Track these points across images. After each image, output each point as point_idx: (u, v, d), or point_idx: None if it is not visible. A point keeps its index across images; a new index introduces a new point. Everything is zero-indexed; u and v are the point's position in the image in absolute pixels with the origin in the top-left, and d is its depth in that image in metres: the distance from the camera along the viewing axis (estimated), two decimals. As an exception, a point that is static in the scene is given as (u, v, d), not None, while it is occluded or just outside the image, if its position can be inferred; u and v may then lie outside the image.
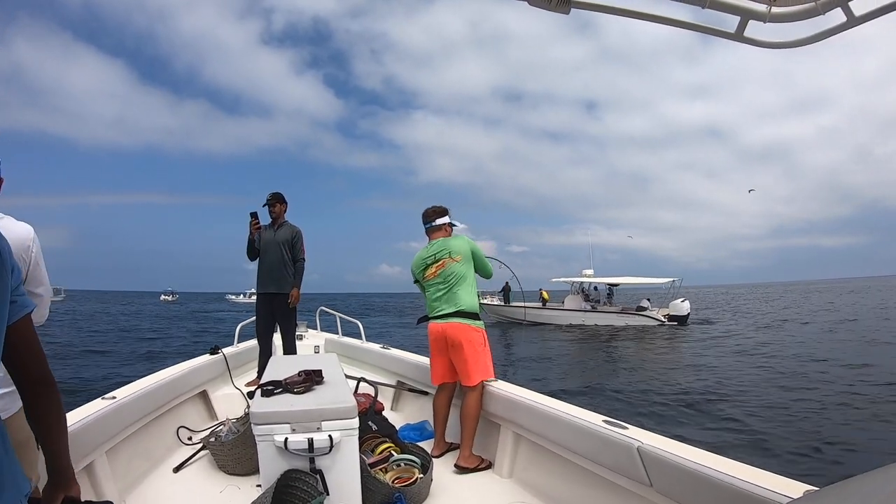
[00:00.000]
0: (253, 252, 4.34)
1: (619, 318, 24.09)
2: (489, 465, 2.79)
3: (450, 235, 3.14)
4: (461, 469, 2.73)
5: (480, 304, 3.13)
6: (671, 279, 24.69)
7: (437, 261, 3.02)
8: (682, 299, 23.64)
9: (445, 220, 3.14)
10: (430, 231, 3.14)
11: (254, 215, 4.29)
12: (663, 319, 23.01)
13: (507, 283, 27.27)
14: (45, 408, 1.07)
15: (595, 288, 27.40)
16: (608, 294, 27.12)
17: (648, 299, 25.61)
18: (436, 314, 2.99)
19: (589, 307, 25.28)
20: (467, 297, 2.94)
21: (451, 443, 2.99)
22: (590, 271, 26.93)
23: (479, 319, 2.96)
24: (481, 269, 3.11)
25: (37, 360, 1.05)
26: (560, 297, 27.18)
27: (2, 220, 1.51)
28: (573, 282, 27.10)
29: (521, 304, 26.44)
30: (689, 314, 23.44)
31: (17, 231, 1.53)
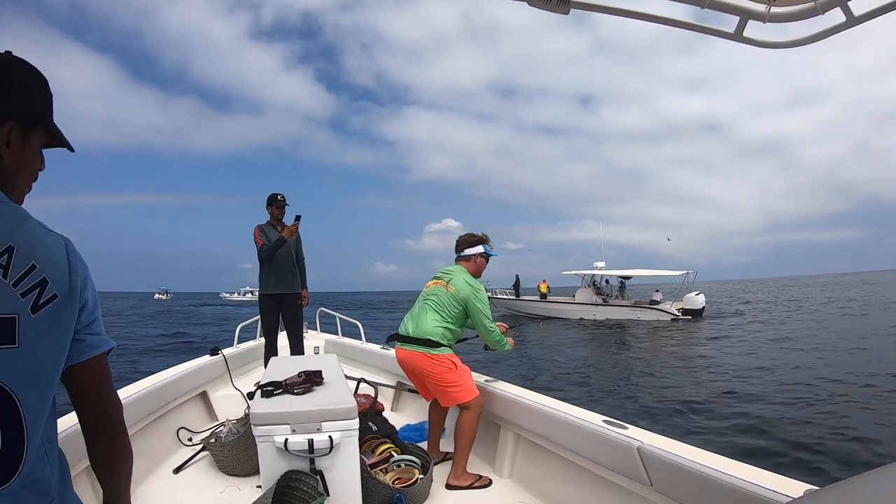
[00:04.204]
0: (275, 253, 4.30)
1: (631, 311, 24.06)
2: (488, 483, 2.70)
3: (479, 267, 3.02)
4: (451, 488, 2.64)
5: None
6: (685, 272, 24.59)
7: (437, 279, 2.97)
8: (696, 293, 23.53)
9: (476, 250, 3.00)
10: (457, 261, 3.06)
11: (299, 218, 4.30)
12: (677, 313, 22.94)
13: (517, 276, 27.40)
14: (106, 457, 1.01)
15: (606, 281, 27.37)
16: (620, 287, 27.10)
17: (658, 290, 25.56)
18: (401, 333, 2.92)
19: (600, 300, 25.29)
20: (432, 325, 2.80)
21: (447, 452, 2.94)
22: (601, 263, 26.84)
23: (442, 347, 2.79)
24: (475, 324, 2.90)
25: (102, 407, 0.98)
26: (570, 290, 27.20)
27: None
28: (584, 274, 27.06)
29: (531, 297, 26.54)
30: (704, 308, 23.37)
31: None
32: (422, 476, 2.49)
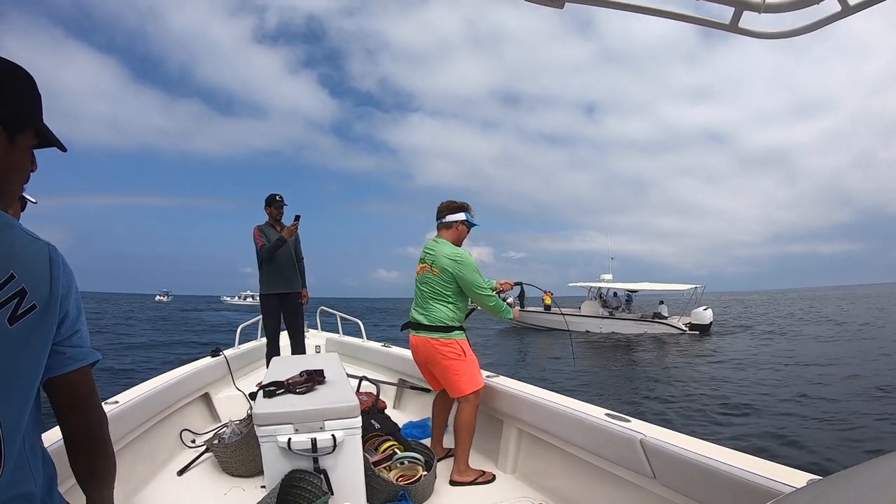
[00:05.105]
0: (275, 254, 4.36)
1: (637, 325, 23.96)
2: (492, 479, 2.73)
3: (460, 235, 2.96)
4: (455, 484, 2.66)
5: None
6: (693, 286, 24.51)
7: (423, 262, 2.92)
8: (704, 307, 23.44)
9: (458, 217, 2.94)
10: (439, 228, 2.99)
11: (298, 218, 4.36)
12: (684, 328, 22.84)
13: (521, 287, 27.31)
14: (90, 470, 1.01)
15: (614, 294, 27.30)
16: (627, 300, 27.01)
17: (662, 302, 25.43)
18: (412, 321, 2.94)
19: (607, 314, 25.19)
20: (439, 310, 2.80)
21: (450, 449, 2.93)
22: (608, 276, 26.80)
23: (455, 331, 2.81)
24: (473, 298, 2.87)
25: (86, 420, 0.96)
26: (575, 302, 27.11)
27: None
28: (591, 287, 27.03)
29: (535, 308, 26.45)
30: (711, 323, 23.25)
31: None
32: (425, 473, 2.50)
